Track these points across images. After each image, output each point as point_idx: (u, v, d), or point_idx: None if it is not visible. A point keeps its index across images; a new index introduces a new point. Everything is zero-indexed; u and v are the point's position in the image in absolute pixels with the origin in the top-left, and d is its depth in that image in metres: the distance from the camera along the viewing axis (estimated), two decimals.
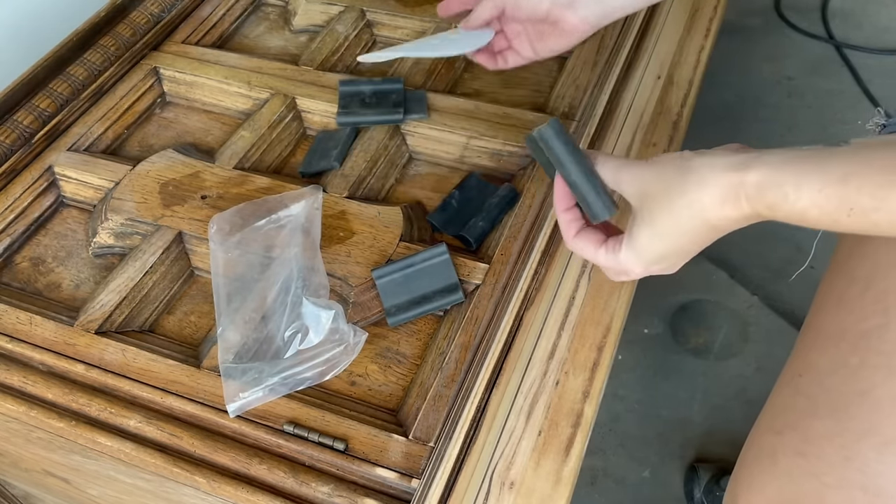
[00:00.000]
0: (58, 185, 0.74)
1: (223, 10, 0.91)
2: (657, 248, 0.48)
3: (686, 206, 0.45)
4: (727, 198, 0.44)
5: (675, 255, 0.49)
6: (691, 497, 1.06)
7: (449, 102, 0.77)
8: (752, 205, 0.43)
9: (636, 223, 0.48)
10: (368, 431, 0.55)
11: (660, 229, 0.47)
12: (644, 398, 1.17)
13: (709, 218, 0.45)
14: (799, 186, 0.41)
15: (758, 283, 1.28)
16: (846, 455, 0.50)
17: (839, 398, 0.51)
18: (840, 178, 0.40)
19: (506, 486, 0.54)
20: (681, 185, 0.46)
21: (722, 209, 0.44)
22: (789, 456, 0.52)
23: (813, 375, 0.54)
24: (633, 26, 0.83)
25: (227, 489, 0.53)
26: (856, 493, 0.49)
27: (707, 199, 0.45)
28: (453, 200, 0.70)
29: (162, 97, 0.84)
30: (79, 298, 0.66)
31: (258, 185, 0.71)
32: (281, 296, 0.61)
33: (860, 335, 0.52)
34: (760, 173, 0.43)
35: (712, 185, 0.44)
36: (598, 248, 0.51)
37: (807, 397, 0.54)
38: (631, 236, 0.49)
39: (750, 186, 0.43)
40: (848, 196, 0.40)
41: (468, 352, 0.58)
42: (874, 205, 0.40)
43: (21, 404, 0.58)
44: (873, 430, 0.49)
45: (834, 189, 0.41)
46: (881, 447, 0.49)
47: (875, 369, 0.51)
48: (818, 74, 1.62)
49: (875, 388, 0.50)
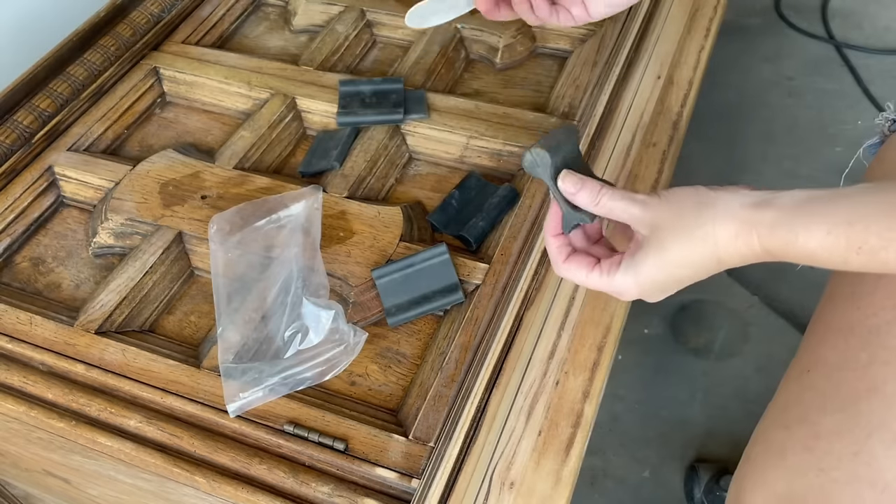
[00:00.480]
0: (58, 185, 0.74)
1: (223, 10, 0.91)
2: (660, 276, 0.49)
3: (701, 238, 0.47)
4: (740, 234, 0.46)
5: (675, 284, 0.50)
6: (691, 497, 1.06)
7: (449, 102, 0.77)
8: (762, 243, 0.45)
9: (643, 250, 0.49)
10: (368, 431, 0.55)
11: (669, 258, 0.48)
12: (644, 398, 1.17)
13: (720, 252, 0.47)
14: (808, 228, 0.43)
15: (758, 283, 1.28)
16: (855, 451, 0.49)
17: (849, 394, 0.51)
18: (847, 221, 0.42)
19: (506, 486, 0.54)
20: (696, 218, 0.47)
21: (734, 244, 0.46)
22: (797, 451, 0.52)
23: (822, 371, 0.54)
24: (633, 26, 0.83)
25: (227, 489, 0.53)
26: (864, 488, 0.49)
27: (722, 233, 0.46)
28: (453, 200, 0.70)
29: (162, 97, 0.84)
30: (79, 298, 0.66)
31: (258, 185, 0.71)
32: (281, 296, 0.61)
33: (870, 331, 0.52)
34: (774, 213, 0.45)
35: (729, 220, 0.46)
36: (590, 270, 0.52)
37: (816, 392, 0.54)
38: (634, 260, 0.50)
39: (764, 226, 0.45)
40: (856, 236, 0.42)
41: (468, 352, 0.58)
42: (882, 244, 0.41)
43: (21, 404, 0.58)
44: (883, 426, 0.49)
45: (842, 230, 0.42)
46: (891, 443, 0.49)
47: (885, 365, 0.51)
48: (818, 74, 1.62)
49: (885, 383, 0.50)
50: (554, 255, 0.54)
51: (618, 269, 0.51)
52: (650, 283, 0.50)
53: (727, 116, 1.54)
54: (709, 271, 0.49)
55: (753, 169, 1.43)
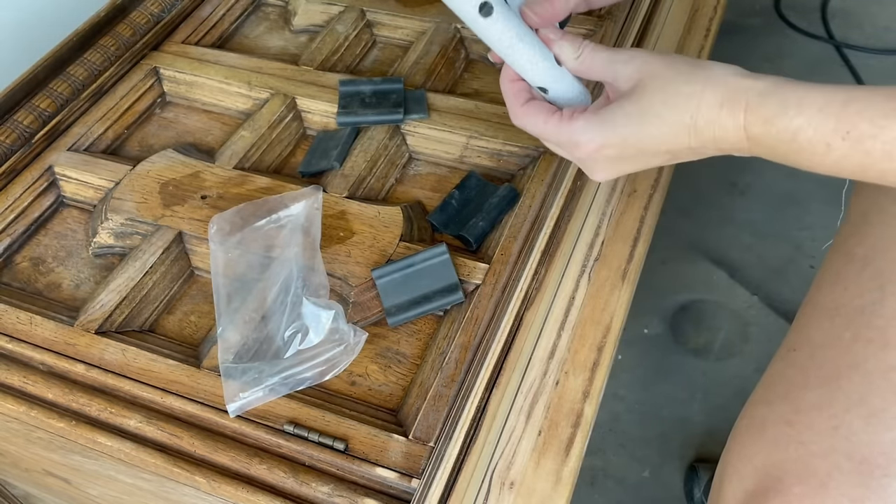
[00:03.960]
0: (58, 185, 0.74)
1: (223, 10, 0.91)
2: (627, 130, 0.45)
3: (685, 97, 0.44)
4: (726, 103, 0.44)
5: (635, 151, 0.46)
6: (691, 497, 1.06)
7: (449, 102, 0.77)
8: (748, 115, 0.43)
9: (617, 102, 0.46)
10: (368, 431, 0.55)
11: (644, 108, 0.45)
12: (644, 398, 1.17)
13: (698, 120, 0.44)
14: (801, 101, 0.42)
15: (758, 283, 1.28)
16: (834, 424, 0.49)
17: (831, 370, 0.52)
18: (842, 101, 0.41)
19: (506, 486, 0.54)
20: (688, 75, 0.44)
21: (718, 112, 0.44)
22: (778, 425, 0.52)
23: (806, 349, 0.54)
24: (633, 26, 0.83)
25: (227, 489, 0.53)
26: (841, 460, 0.49)
27: (709, 96, 0.44)
28: (453, 200, 0.70)
29: (162, 97, 0.84)
30: (79, 298, 0.66)
31: (258, 185, 0.71)
32: (281, 296, 0.61)
33: (855, 310, 0.53)
34: (767, 83, 0.43)
35: (720, 84, 0.44)
36: (548, 115, 0.47)
37: (798, 370, 0.54)
38: (604, 111, 0.46)
39: (755, 93, 0.43)
40: (847, 118, 0.40)
41: (468, 352, 0.58)
42: (872, 132, 0.40)
43: (21, 404, 0.58)
44: (862, 401, 0.49)
45: (834, 109, 0.41)
46: (869, 417, 0.49)
47: (868, 343, 0.51)
48: (818, 74, 1.62)
49: (867, 360, 0.50)
50: (510, 100, 0.50)
51: (581, 116, 0.46)
52: (615, 140, 0.46)
53: None
54: (679, 144, 0.45)
55: (754, 169, 1.43)
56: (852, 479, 0.48)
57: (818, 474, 0.49)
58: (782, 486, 0.50)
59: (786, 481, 0.50)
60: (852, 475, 0.48)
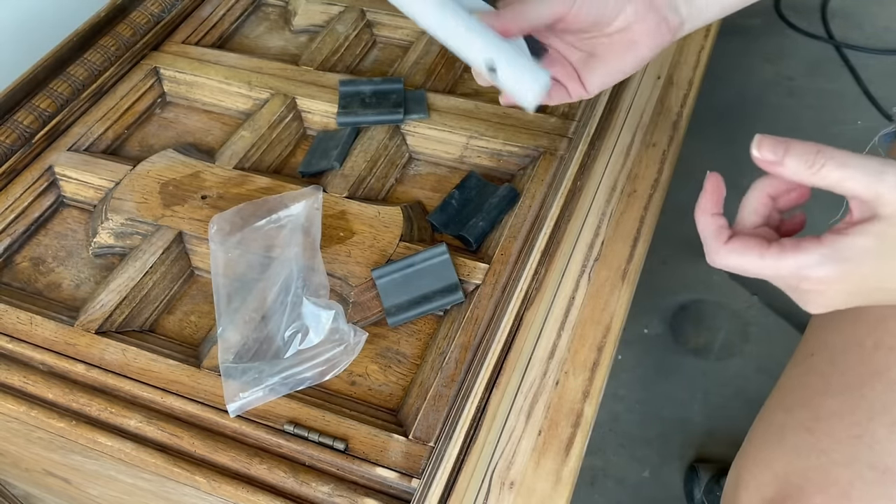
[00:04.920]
0: (58, 185, 0.74)
1: (223, 10, 0.91)
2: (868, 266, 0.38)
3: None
4: None
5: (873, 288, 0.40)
6: (691, 497, 1.06)
7: (449, 102, 0.77)
8: None
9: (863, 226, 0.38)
10: (368, 431, 0.55)
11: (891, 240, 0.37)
12: (644, 398, 1.17)
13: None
14: None
15: (758, 283, 1.28)
16: (857, 433, 0.49)
17: (853, 377, 0.51)
18: None
19: (506, 486, 0.54)
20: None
21: None
22: (798, 432, 0.51)
23: (826, 354, 0.53)
24: None
25: (227, 489, 0.53)
26: (864, 469, 0.48)
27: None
28: (453, 200, 0.70)
29: (162, 97, 0.84)
30: (79, 298, 0.66)
31: (258, 185, 0.71)
32: (281, 296, 0.61)
33: (878, 318, 0.52)
34: None
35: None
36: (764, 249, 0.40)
37: (818, 376, 0.53)
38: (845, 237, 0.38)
39: None
40: None
41: (468, 352, 0.58)
42: None
43: (21, 404, 0.58)
44: (886, 410, 0.49)
45: None
46: (893, 426, 0.48)
47: (890, 350, 0.50)
48: (818, 74, 1.62)
49: (889, 369, 0.50)
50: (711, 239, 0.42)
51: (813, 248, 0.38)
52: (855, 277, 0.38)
53: (727, 116, 1.54)
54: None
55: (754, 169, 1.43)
56: (875, 489, 0.47)
57: (840, 483, 0.49)
58: (803, 495, 0.50)
59: (807, 490, 0.50)
60: (875, 485, 0.48)
